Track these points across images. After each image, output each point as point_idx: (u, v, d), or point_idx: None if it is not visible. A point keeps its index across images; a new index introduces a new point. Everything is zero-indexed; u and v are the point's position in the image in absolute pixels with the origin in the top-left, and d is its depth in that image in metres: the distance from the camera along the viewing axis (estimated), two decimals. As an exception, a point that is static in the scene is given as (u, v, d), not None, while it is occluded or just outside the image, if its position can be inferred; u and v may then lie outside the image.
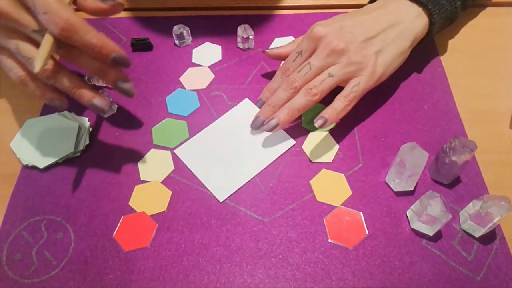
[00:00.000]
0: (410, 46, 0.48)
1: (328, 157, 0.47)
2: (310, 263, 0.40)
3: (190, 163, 0.46)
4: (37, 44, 0.37)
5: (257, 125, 0.47)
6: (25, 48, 0.37)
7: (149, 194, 0.45)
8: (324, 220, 0.43)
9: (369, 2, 0.52)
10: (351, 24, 0.45)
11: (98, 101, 0.41)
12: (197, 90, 0.53)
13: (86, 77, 0.53)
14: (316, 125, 0.44)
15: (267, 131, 0.46)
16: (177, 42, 0.57)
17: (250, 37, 0.55)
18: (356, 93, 0.44)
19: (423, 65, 0.55)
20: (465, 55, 0.56)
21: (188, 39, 0.57)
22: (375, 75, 0.45)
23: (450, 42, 0.57)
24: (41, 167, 0.46)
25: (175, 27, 0.56)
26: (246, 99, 0.51)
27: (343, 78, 0.45)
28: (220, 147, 0.47)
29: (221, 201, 0.44)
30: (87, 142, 0.48)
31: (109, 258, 0.41)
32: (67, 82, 0.39)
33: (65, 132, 0.48)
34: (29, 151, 0.47)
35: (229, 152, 0.47)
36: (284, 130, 0.49)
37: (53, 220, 0.43)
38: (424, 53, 0.55)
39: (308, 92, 0.44)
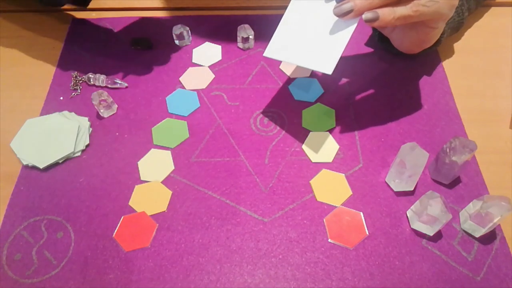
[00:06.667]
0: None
1: (328, 157, 0.47)
2: (310, 263, 0.40)
3: (284, 57, 0.44)
4: None
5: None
6: None
7: (149, 194, 0.45)
8: (324, 220, 0.43)
9: None
10: None
11: None
12: (197, 90, 0.53)
13: (86, 77, 0.53)
14: (364, 17, 0.40)
15: (339, 16, 0.41)
16: (177, 42, 0.57)
17: (250, 37, 0.55)
18: (427, 8, 0.41)
19: (424, 65, 0.55)
20: (465, 55, 0.56)
21: (188, 39, 0.57)
22: (452, 7, 0.43)
23: (450, 42, 0.57)
24: (41, 167, 0.46)
25: (175, 27, 0.56)
26: None
27: None
28: (304, 28, 0.44)
29: (330, 73, 0.41)
30: (87, 142, 0.48)
31: (109, 258, 0.41)
32: None
33: (65, 132, 0.48)
34: (29, 151, 0.47)
35: (315, 29, 0.43)
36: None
37: (53, 220, 0.43)
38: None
39: None
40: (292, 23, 0.45)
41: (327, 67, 0.41)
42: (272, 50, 0.45)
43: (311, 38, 0.43)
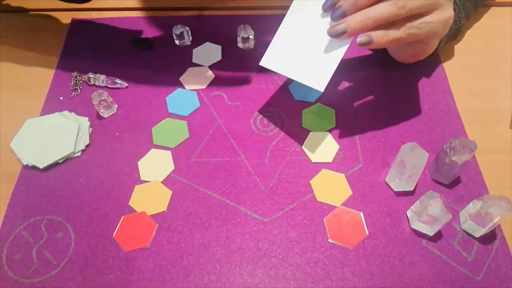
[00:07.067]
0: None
1: (328, 157, 0.47)
2: (310, 263, 0.40)
3: (279, 68, 0.45)
4: None
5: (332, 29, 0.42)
6: None
7: (149, 194, 0.45)
8: (324, 220, 0.43)
9: None
10: None
11: None
12: (197, 90, 0.53)
13: (86, 77, 0.53)
14: (358, 41, 0.40)
15: (333, 37, 0.41)
16: (177, 42, 0.57)
17: (250, 37, 0.55)
18: (420, 30, 0.41)
19: (424, 66, 0.54)
20: (465, 56, 0.56)
21: (188, 39, 0.57)
22: (446, 25, 0.43)
23: (451, 42, 0.57)
24: (41, 167, 0.46)
25: (175, 27, 0.56)
26: None
27: (426, 7, 0.41)
28: (300, 42, 0.44)
29: (322, 90, 0.42)
30: (87, 142, 0.48)
31: (109, 258, 0.41)
32: None
33: (65, 132, 0.48)
34: (29, 151, 0.47)
35: (310, 44, 0.44)
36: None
37: (53, 220, 0.43)
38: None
39: (395, 3, 0.39)
40: (289, 34, 0.45)
41: (319, 85, 0.42)
42: (268, 60, 0.46)
43: (306, 53, 0.44)
